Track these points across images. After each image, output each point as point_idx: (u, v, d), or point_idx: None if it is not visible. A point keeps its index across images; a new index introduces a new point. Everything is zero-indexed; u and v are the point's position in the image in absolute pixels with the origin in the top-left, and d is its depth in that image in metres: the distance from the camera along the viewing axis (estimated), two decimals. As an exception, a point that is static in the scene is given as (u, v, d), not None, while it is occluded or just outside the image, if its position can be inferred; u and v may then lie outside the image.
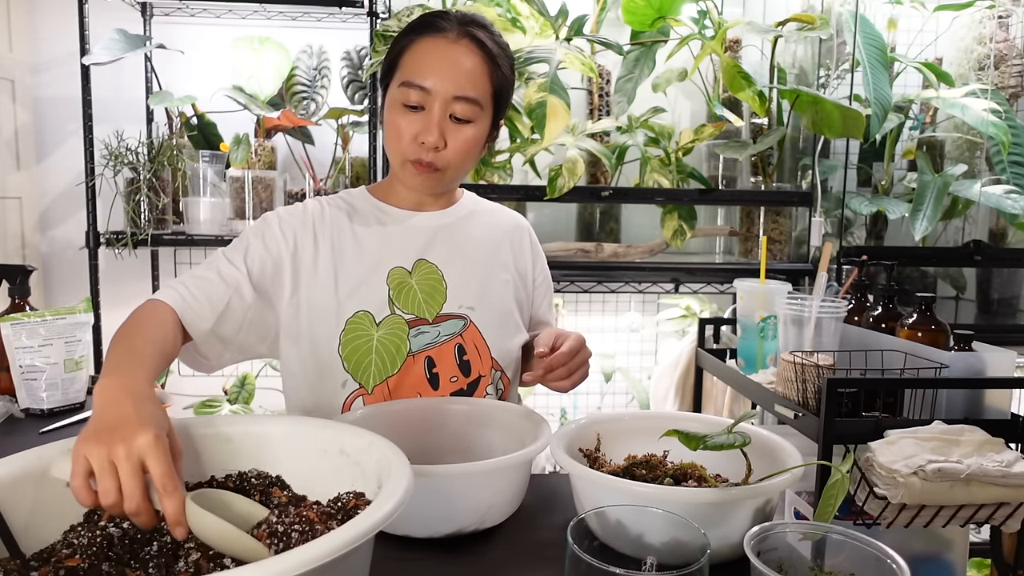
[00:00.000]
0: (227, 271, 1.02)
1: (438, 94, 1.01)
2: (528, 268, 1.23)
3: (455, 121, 1.03)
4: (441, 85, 1.01)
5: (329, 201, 1.14)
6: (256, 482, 0.68)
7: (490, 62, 1.04)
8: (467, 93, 1.02)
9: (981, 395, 1.06)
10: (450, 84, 1.01)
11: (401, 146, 1.05)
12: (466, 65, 1.02)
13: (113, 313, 2.23)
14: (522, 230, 1.24)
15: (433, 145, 1.02)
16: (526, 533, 0.83)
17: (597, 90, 2.22)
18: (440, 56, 1.02)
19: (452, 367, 1.09)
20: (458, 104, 1.02)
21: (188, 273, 1.02)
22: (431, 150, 1.03)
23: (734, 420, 0.80)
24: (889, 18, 2.07)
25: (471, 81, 1.02)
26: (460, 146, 1.04)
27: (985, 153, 2.07)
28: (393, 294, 1.08)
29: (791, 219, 2.15)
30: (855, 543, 0.62)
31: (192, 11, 2.19)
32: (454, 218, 1.17)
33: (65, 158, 2.26)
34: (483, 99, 1.04)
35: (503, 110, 1.11)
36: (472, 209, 1.20)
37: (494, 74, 1.05)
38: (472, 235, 1.17)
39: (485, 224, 1.20)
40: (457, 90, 1.01)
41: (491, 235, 1.19)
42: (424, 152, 1.03)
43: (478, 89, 1.03)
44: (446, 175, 1.08)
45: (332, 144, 2.20)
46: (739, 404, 1.94)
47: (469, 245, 1.15)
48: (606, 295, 2.40)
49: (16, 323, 1.28)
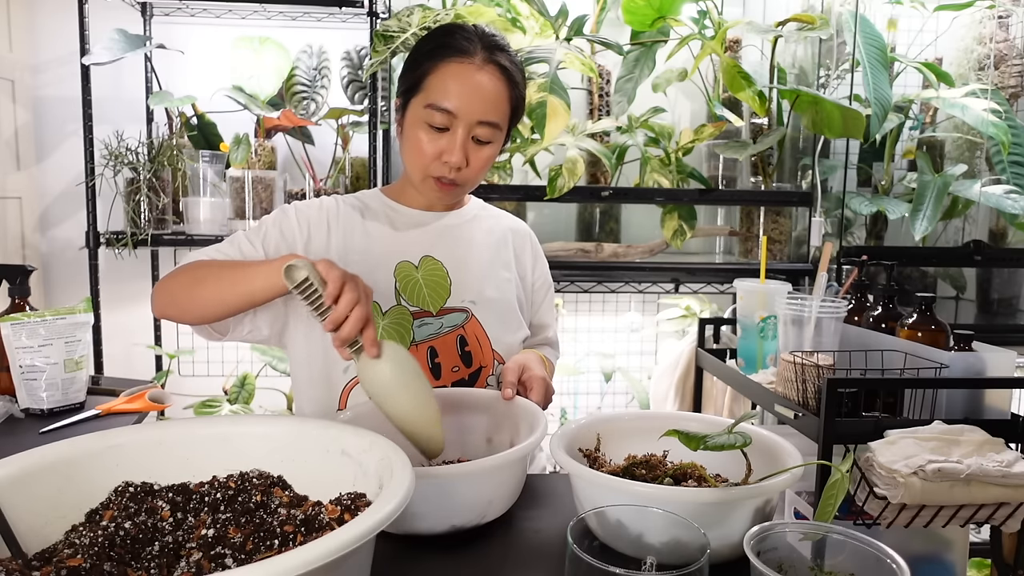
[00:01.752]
0: (247, 250, 1.08)
1: (463, 118, 1.05)
2: (528, 271, 1.28)
3: (476, 143, 1.08)
4: (467, 110, 1.05)
5: (344, 199, 1.19)
6: (257, 482, 0.68)
7: (510, 86, 1.09)
8: (490, 118, 1.07)
9: (981, 395, 1.06)
10: (476, 110, 1.06)
11: (423, 163, 1.09)
12: (491, 92, 1.07)
13: (113, 313, 2.23)
14: (524, 235, 1.30)
15: (456, 165, 1.07)
16: (526, 532, 0.83)
17: (597, 90, 2.22)
18: (467, 82, 1.05)
19: (454, 357, 1.12)
20: (481, 128, 1.07)
21: (211, 247, 1.08)
22: (454, 169, 1.08)
23: (734, 420, 0.80)
24: (889, 18, 2.07)
25: (494, 106, 1.07)
26: (479, 164, 1.10)
27: (985, 153, 2.08)
28: (400, 286, 1.13)
29: (791, 219, 2.15)
30: (855, 543, 0.62)
31: (192, 11, 2.19)
32: (460, 220, 1.22)
33: (65, 158, 2.26)
34: (503, 122, 1.10)
35: (517, 123, 1.16)
36: (477, 213, 1.25)
37: (512, 96, 1.10)
38: (476, 235, 1.22)
39: (489, 226, 1.25)
40: (482, 116, 1.06)
41: (494, 236, 1.24)
42: (447, 171, 1.08)
43: (499, 114, 1.08)
44: (464, 189, 1.15)
45: (332, 144, 2.20)
46: (739, 404, 1.94)
47: (473, 244, 1.20)
48: (606, 295, 2.40)
49: (16, 323, 1.28)
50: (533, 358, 1.12)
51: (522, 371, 1.05)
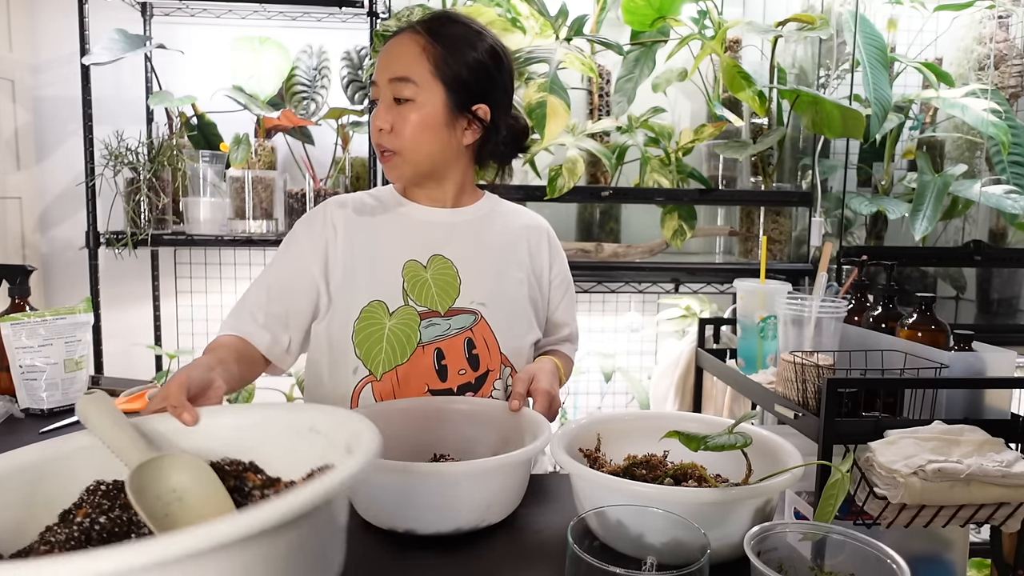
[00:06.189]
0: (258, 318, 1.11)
1: (380, 82, 1.09)
2: (544, 269, 1.25)
3: (399, 103, 1.08)
4: (381, 73, 1.09)
5: (352, 200, 1.19)
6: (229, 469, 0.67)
7: (428, 42, 1.08)
8: (399, 73, 1.07)
9: (981, 395, 1.07)
10: (385, 70, 1.08)
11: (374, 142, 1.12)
12: (400, 50, 1.09)
13: (113, 313, 2.23)
14: (541, 231, 1.27)
15: (379, 127, 1.09)
16: (526, 533, 0.83)
17: (597, 90, 2.22)
18: (384, 51, 1.10)
19: (461, 360, 1.11)
20: (396, 85, 1.08)
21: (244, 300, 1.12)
22: (386, 135, 1.09)
23: (734, 420, 0.80)
24: (889, 18, 2.07)
25: (402, 62, 1.08)
26: (407, 126, 1.08)
27: (985, 153, 2.08)
28: (407, 286, 1.11)
29: (791, 219, 2.15)
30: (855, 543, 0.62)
31: (192, 11, 2.19)
32: (472, 216, 1.20)
33: (65, 158, 2.26)
34: (419, 78, 1.07)
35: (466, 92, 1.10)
36: (491, 209, 1.23)
37: (434, 52, 1.07)
38: (488, 233, 1.19)
39: (502, 224, 1.22)
40: (391, 73, 1.08)
41: (507, 234, 1.21)
42: (382, 137, 1.10)
43: (409, 68, 1.07)
44: (404, 158, 1.10)
45: (332, 144, 2.20)
46: (739, 404, 1.94)
47: (484, 243, 1.18)
48: (606, 295, 2.40)
49: (16, 323, 1.28)
50: (546, 369, 1.09)
51: (531, 381, 1.04)
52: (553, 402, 1.04)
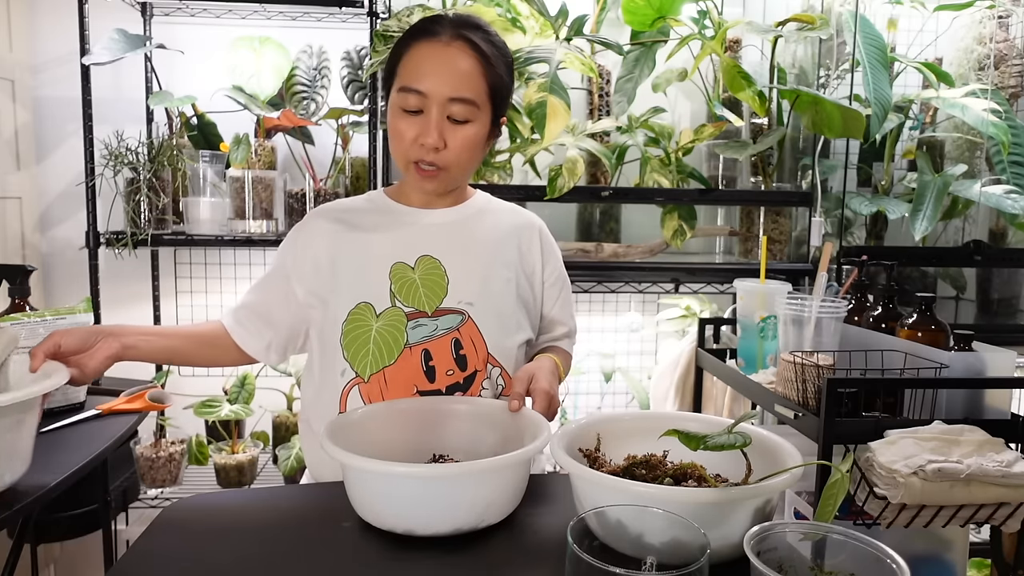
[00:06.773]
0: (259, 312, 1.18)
1: (434, 97, 1.05)
2: (537, 268, 1.24)
3: (453, 122, 1.06)
4: (437, 88, 1.04)
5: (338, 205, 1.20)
6: None
7: (484, 62, 1.07)
8: (462, 94, 1.05)
9: (981, 395, 1.06)
10: (446, 87, 1.04)
11: (403, 148, 1.09)
12: (460, 67, 1.05)
13: (113, 313, 2.23)
14: (533, 229, 1.25)
15: (433, 146, 1.06)
16: (526, 533, 0.83)
17: (597, 90, 2.22)
18: (435, 60, 1.05)
19: (448, 360, 1.10)
20: (454, 105, 1.05)
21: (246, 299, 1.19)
22: (431, 151, 1.06)
23: (734, 420, 0.80)
24: (889, 18, 2.07)
25: (466, 82, 1.05)
26: (459, 145, 1.07)
27: (985, 153, 2.07)
28: (395, 287, 1.11)
29: (791, 219, 2.15)
30: (855, 543, 0.62)
31: (192, 11, 2.19)
32: (462, 215, 1.19)
33: (65, 158, 2.26)
34: (479, 99, 1.07)
35: (502, 108, 1.13)
36: (482, 208, 1.22)
37: (488, 73, 1.07)
38: (478, 232, 1.19)
39: (493, 222, 1.21)
40: (452, 92, 1.05)
41: (497, 233, 1.20)
42: (425, 153, 1.07)
43: (473, 89, 1.06)
44: (450, 174, 1.11)
45: (332, 144, 2.20)
46: (739, 404, 1.94)
47: (473, 242, 1.17)
48: (606, 295, 2.40)
49: (16, 323, 1.28)
50: (545, 368, 1.09)
51: (530, 381, 1.04)
52: (552, 402, 1.03)
